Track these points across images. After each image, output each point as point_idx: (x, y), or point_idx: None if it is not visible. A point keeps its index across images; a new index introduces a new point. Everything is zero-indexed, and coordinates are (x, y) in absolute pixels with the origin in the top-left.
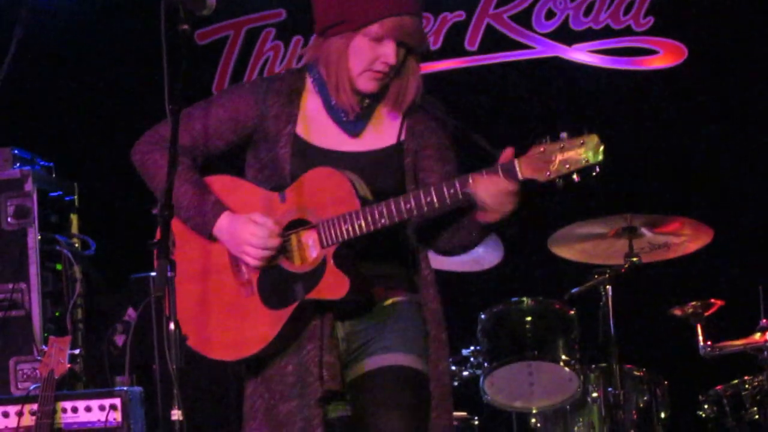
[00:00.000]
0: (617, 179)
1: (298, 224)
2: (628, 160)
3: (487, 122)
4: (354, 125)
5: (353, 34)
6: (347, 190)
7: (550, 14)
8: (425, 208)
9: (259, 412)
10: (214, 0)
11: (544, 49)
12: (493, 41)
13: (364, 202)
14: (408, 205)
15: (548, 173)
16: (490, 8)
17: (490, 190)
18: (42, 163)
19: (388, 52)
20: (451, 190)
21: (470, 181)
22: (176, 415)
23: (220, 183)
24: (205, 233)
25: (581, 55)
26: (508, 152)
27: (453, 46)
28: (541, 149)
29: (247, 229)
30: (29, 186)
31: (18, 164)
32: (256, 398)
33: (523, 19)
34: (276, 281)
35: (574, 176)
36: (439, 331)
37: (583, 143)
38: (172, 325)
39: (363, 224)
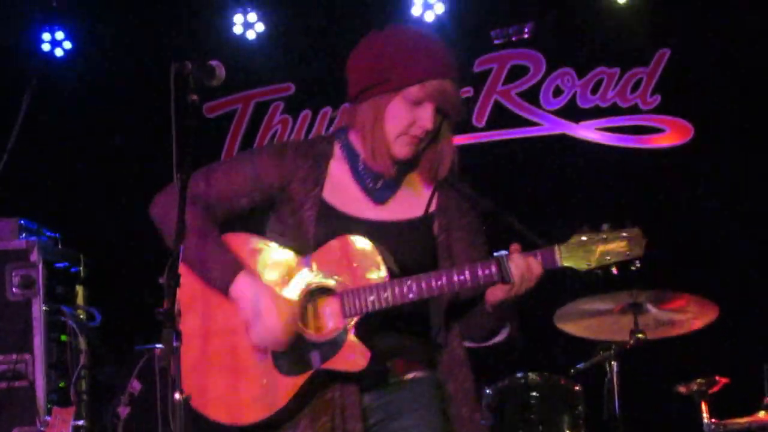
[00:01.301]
0: None
1: (321, 290)
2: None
3: (494, 199)
4: (381, 193)
5: (392, 96)
6: (376, 261)
7: (557, 92)
8: (457, 286)
9: None
10: (223, 71)
11: (552, 126)
12: (501, 118)
13: (392, 274)
14: (438, 282)
15: (588, 264)
16: (498, 85)
17: (522, 270)
18: (48, 233)
19: (427, 116)
20: (486, 271)
21: (506, 258)
22: None
23: (241, 241)
24: (222, 290)
25: (588, 132)
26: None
27: (460, 123)
28: (583, 238)
29: (269, 313)
30: (35, 257)
31: (24, 235)
32: None
33: (531, 96)
34: (293, 347)
35: (613, 268)
36: (472, 411)
37: (626, 236)
38: (177, 395)
39: (389, 297)
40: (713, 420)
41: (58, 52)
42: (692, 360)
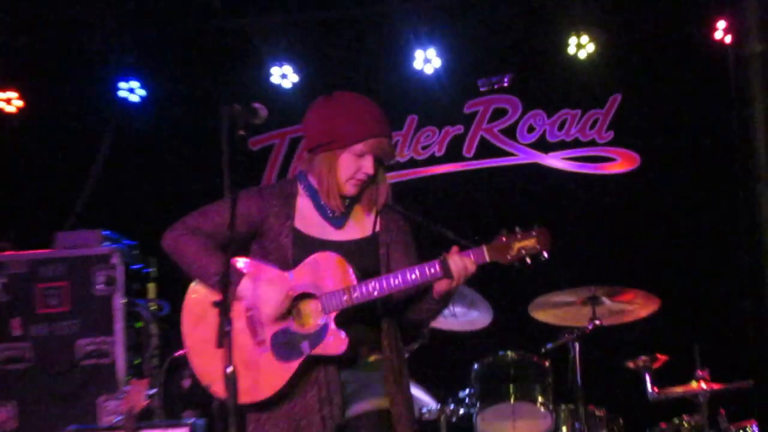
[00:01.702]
0: (582, 259)
1: (303, 296)
2: (591, 243)
3: (480, 213)
4: (338, 220)
5: (341, 151)
6: (345, 269)
7: (531, 129)
8: (410, 283)
9: None
10: (265, 112)
11: (526, 156)
12: (486, 149)
13: (359, 279)
14: (396, 281)
15: (509, 257)
16: (483, 123)
17: (459, 267)
18: (126, 242)
19: (368, 164)
20: (432, 270)
21: (446, 259)
22: None
23: (239, 261)
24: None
25: (555, 161)
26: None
27: (453, 154)
28: (503, 239)
29: (267, 290)
30: (116, 260)
31: (106, 243)
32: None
33: (510, 132)
34: (286, 340)
35: (527, 260)
36: (404, 379)
37: (535, 235)
38: (229, 369)
39: (359, 296)
40: (655, 389)
41: (134, 98)
42: (638, 342)
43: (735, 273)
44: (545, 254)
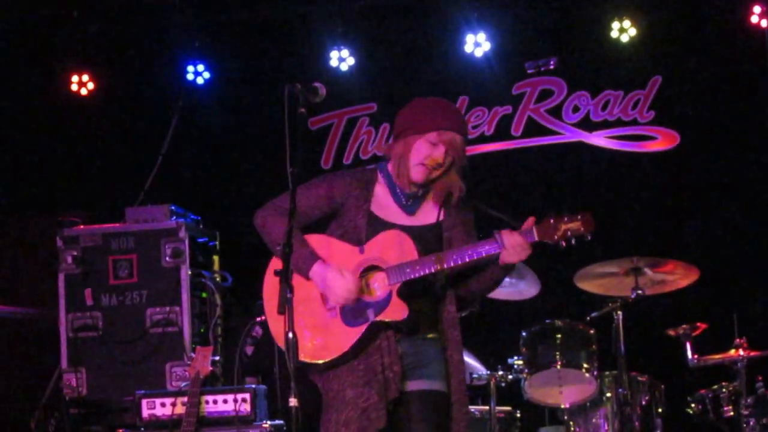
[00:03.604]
0: (625, 231)
1: (371, 268)
2: (633, 217)
3: (528, 189)
4: (410, 208)
5: (418, 137)
6: (409, 245)
7: (575, 109)
8: (467, 258)
9: (329, 400)
10: (324, 90)
11: (571, 135)
12: (533, 128)
13: (420, 254)
14: (455, 255)
15: (555, 237)
16: (530, 104)
17: (513, 243)
18: (192, 216)
19: (439, 153)
20: (489, 246)
21: (501, 237)
22: (293, 402)
23: (316, 239)
24: (303, 275)
25: (599, 140)
26: (529, 221)
27: (502, 133)
28: (551, 221)
29: (337, 279)
30: (182, 233)
31: (174, 217)
32: (328, 389)
33: (556, 112)
34: (354, 307)
35: (573, 241)
36: (458, 354)
37: (580, 219)
38: (290, 335)
39: (419, 268)
40: (695, 356)
41: (199, 80)
42: (679, 310)
43: None
44: (589, 236)
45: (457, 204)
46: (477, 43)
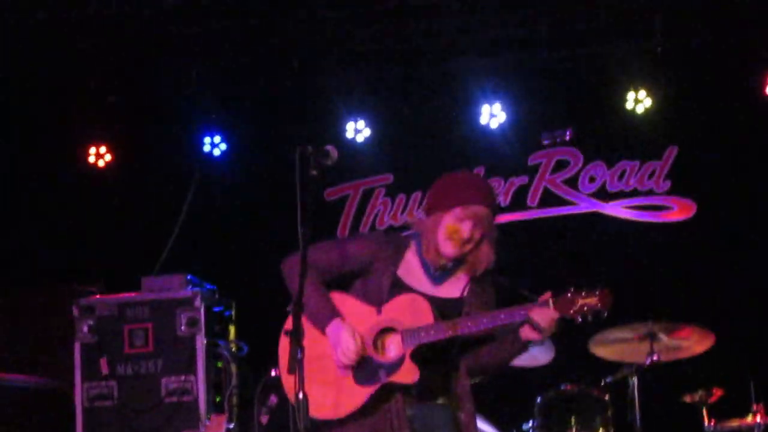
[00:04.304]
0: (641, 297)
1: (388, 330)
2: (650, 284)
3: (544, 259)
4: (438, 279)
5: (445, 213)
6: (426, 309)
7: (592, 179)
8: (481, 326)
9: None
10: (336, 153)
11: (588, 205)
12: (549, 199)
13: (436, 319)
14: (470, 322)
15: (572, 312)
16: (546, 174)
17: (544, 317)
18: (208, 286)
19: (466, 228)
20: (502, 315)
21: (527, 310)
22: None
23: (337, 297)
24: (320, 329)
25: (616, 210)
26: (546, 295)
27: (518, 203)
28: (568, 295)
29: (347, 340)
30: (198, 303)
31: (190, 287)
32: None
33: (572, 182)
34: (366, 367)
35: (589, 317)
36: (472, 421)
37: (598, 294)
38: (301, 395)
39: (433, 332)
40: (712, 422)
41: (216, 152)
42: (695, 377)
43: None
44: (606, 314)
45: (481, 278)
46: (492, 114)
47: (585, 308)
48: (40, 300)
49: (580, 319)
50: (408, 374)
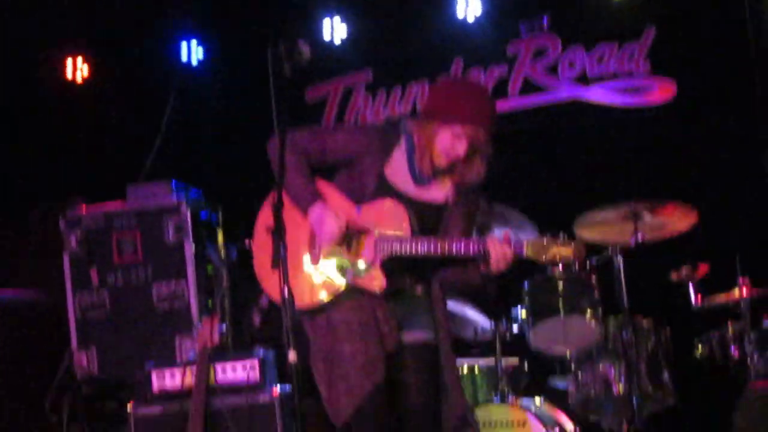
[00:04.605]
0: (624, 179)
1: (363, 231)
2: (631, 163)
3: (526, 147)
4: (423, 180)
5: (443, 126)
6: (404, 220)
7: (571, 64)
8: (453, 251)
9: (322, 351)
10: (308, 48)
11: (569, 91)
12: (529, 87)
13: (413, 232)
14: (442, 246)
15: (543, 258)
16: (526, 62)
17: (499, 253)
18: (194, 191)
19: (461, 146)
20: (475, 246)
21: (488, 242)
22: (292, 356)
23: (322, 184)
24: (302, 210)
25: (596, 94)
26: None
27: (498, 93)
28: (544, 242)
29: (330, 219)
30: (184, 209)
31: (175, 193)
32: (318, 340)
33: (551, 69)
34: (335, 264)
35: (560, 265)
36: (443, 309)
37: (573, 245)
38: (286, 290)
39: (407, 248)
40: (699, 298)
41: (194, 59)
42: (681, 254)
43: None
44: (577, 265)
45: (468, 191)
46: (468, 4)
47: (557, 257)
48: (23, 216)
49: (550, 267)
50: (373, 282)
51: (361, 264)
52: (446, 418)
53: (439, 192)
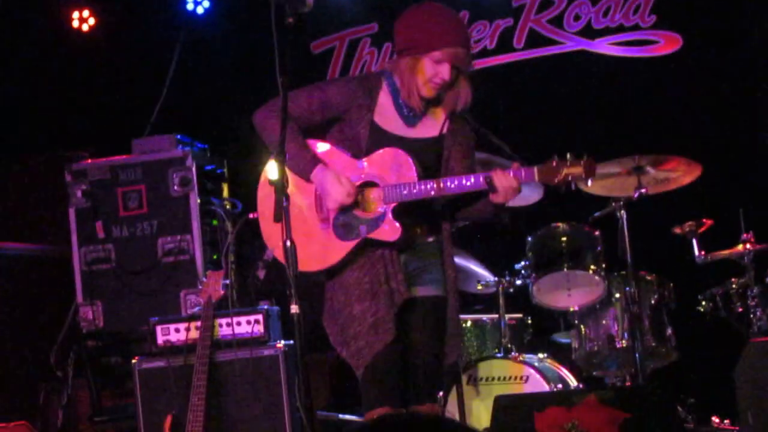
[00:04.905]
0: (628, 132)
1: (368, 184)
2: (637, 119)
3: (532, 100)
4: (412, 119)
5: (422, 56)
6: (409, 166)
7: (577, 17)
8: (463, 189)
9: (335, 309)
10: (311, 0)
11: (574, 44)
12: (535, 40)
13: (419, 176)
14: (451, 184)
15: (556, 180)
16: (531, 15)
17: (504, 184)
18: (199, 144)
19: (444, 71)
20: (482, 180)
21: (493, 175)
22: (294, 308)
23: (317, 145)
24: (304, 177)
25: (602, 47)
26: (515, 165)
27: (504, 45)
28: (554, 163)
29: (334, 184)
30: (189, 162)
31: (180, 146)
32: (333, 300)
33: (557, 21)
34: (347, 221)
35: (572, 185)
36: (451, 261)
37: (583, 163)
38: (288, 242)
39: (416, 191)
40: (702, 253)
41: (200, 10)
42: (685, 208)
43: None
44: (589, 182)
45: (460, 121)
46: None
47: (570, 177)
48: (27, 167)
49: (564, 188)
50: (389, 232)
51: (373, 217)
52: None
53: (433, 126)
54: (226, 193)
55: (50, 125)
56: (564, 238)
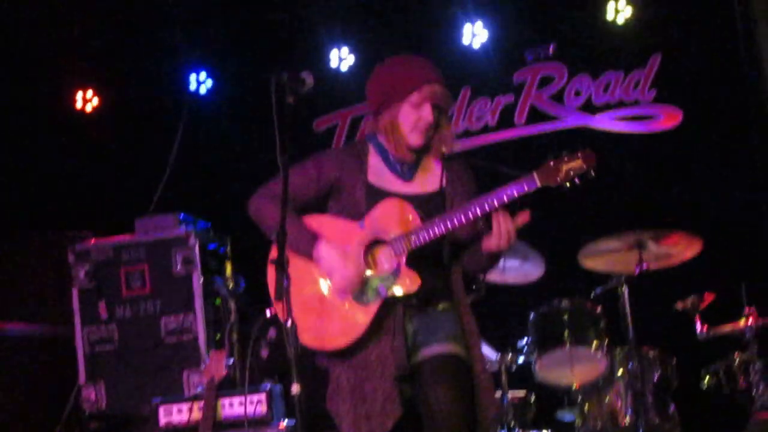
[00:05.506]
0: (629, 208)
1: (376, 243)
2: (638, 194)
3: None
4: (407, 174)
5: (400, 105)
6: (410, 212)
7: (577, 93)
8: (470, 218)
9: (344, 390)
10: (311, 78)
11: (575, 120)
12: (536, 116)
13: (422, 220)
14: (455, 217)
15: (558, 179)
16: (532, 91)
17: (502, 227)
18: (202, 223)
19: (427, 113)
20: (486, 205)
21: (495, 215)
22: (295, 389)
23: (315, 219)
24: (306, 255)
25: (603, 122)
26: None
27: (505, 122)
28: (551, 163)
29: (339, 260)
30: (192, 241)
31: (183, 225)
32: (342, 379)
33: (558, 97)
34: (363, 285)
35: (576, 180)
36: (473, 325)
37: (580, 155)
38: (289, 322)
39: (425, 234)
40: (705, 328)
41: (203, 89)
42: (686, 284)
43: None
44: (592, 173)
45: (454, 164)
46: (474, 34)
47: (571, 173)
48: (34, 248)
49: (568, 185)
50: (408, 283)
51: (388, 273)
52: (482, 419)
53: (431, 180)
54: (229, 272)
55: (53, 204)
56: (566, 315)
